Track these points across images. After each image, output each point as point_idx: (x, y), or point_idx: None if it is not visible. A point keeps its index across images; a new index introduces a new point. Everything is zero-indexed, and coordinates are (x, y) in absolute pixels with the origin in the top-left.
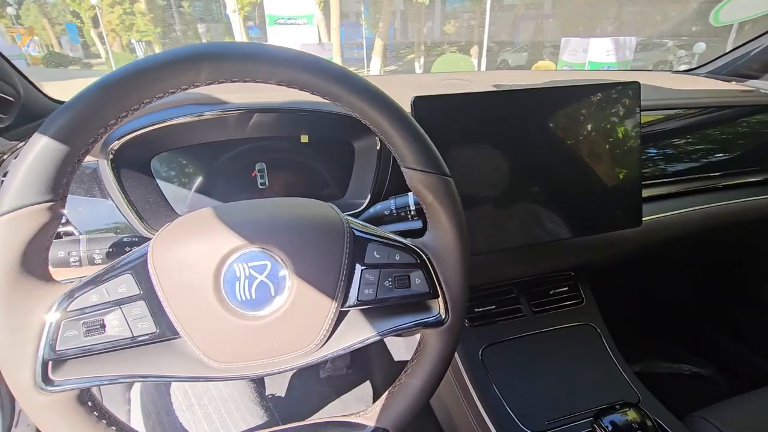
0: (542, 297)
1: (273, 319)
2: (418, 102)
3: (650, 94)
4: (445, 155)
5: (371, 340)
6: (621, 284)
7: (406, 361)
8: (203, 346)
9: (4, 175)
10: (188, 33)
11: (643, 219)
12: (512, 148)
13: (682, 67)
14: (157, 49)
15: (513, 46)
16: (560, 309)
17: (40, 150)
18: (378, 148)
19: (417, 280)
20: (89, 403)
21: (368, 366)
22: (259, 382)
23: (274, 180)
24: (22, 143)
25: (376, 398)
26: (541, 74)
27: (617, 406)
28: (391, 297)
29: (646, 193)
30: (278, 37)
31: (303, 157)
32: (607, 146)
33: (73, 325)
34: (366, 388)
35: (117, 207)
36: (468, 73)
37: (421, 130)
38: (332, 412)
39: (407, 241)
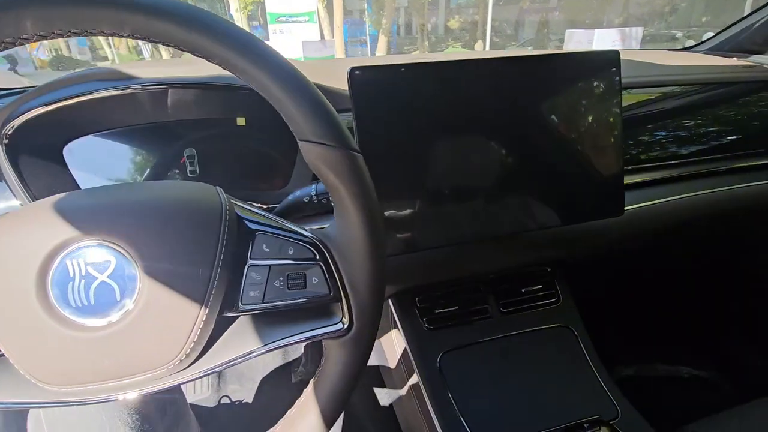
0: (512, 296)
1: (117, 329)
2: (357, 72)
3: (644, 70)
4: (390, 135)
5: (256, 354)
6: (605, 282)
7: (380, 366)
8: (28, 366)
9: None
10: None
11: (627, 208)
12: (471, 127)
13: None
14: (162, 49)
15: (518, 40)
16: (533, 309)
17: None
18: None
19: (315, 279)
20: None
21: None
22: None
23: (206, 168)
24: None
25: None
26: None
27: (586, 425)
28: (281, 300)
29: (632, 179)
30: (279, 36)
31: (239, 141)
32: (583, 125)
33: None
34: None
35: (13, 194)
36: (434, 54)
37: (321, 96)
38: None
39: (304, 232)
